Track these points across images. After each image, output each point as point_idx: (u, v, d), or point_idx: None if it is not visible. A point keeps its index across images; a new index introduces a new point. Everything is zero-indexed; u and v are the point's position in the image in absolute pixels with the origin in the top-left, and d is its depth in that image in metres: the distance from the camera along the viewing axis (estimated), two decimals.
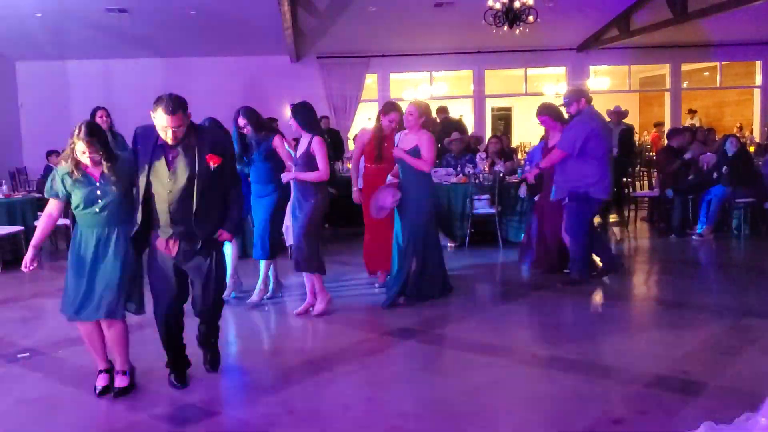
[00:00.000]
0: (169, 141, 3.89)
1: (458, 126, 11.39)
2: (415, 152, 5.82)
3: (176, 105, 3.82)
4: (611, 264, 6.81)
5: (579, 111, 6.53)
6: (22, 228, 8.30)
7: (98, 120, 6.82)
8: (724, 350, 4.68)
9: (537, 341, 5.04)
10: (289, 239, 6.88)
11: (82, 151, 3.83)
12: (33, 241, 4.02)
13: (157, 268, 4.13)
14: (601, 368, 4.44)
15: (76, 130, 3.81)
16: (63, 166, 3.94)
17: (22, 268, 3.99)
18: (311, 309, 5.78)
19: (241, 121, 6.03)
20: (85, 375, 4.53)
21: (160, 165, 3.95)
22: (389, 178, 6.21)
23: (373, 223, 6.36)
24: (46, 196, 4.02)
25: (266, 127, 6.20)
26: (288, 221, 6.46)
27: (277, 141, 5.98)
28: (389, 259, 6.11)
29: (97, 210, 3.94)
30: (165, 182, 3.95)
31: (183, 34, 12.69)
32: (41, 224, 4.08)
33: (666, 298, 6.41)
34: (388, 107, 6.51)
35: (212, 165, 3.98)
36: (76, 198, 3.94)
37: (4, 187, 9.12)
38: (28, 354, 5.04)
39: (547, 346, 4.89)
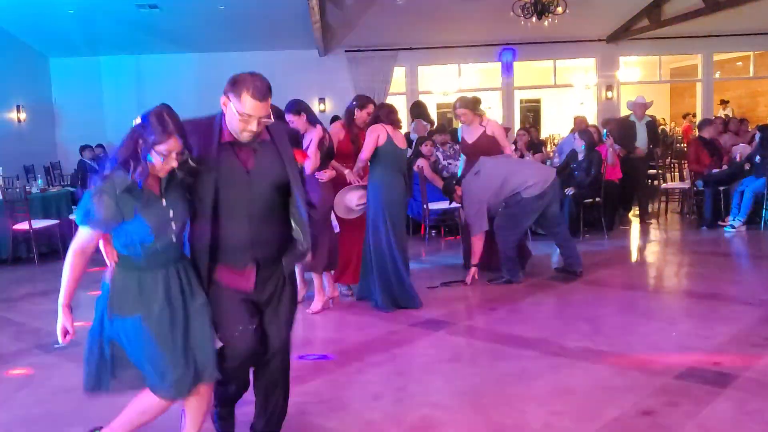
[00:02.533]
0: (246, 136, 2.89)
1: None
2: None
3: (268, 88, 2.91)
4: (573, 265, 6.65)
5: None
6: (58, 221, 8.46)
7: None
8: (756, 342, 4.64)
9: (566, 332, 5.02)
10: None
11: (167, 151, 2.69)
12: (63, 299, 2.84)
13: (223, 312, 2.98)
14: (631, 360, 4.43)
15: (157, 119, 2.69)
16: (119, 178, 2.69)
17: (61, 341, 2.93)
18: (330, 302, 5.90)
19: None
20: None
21: (233, 168, 2.94)
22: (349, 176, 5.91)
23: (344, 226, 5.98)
24: (82, 224, 2.71)
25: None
26: None
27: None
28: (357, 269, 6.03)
29: (173, 240, 2.83)
30: (242, 190, 2.95)
31: (212, 29, 12.82)
32: (70, 271, 2.76)
33: (697, 289, 6.34)
34: (365, 100, 6.20)
35: (301, 164, 3.20)
36: (140, 227, 2.72)
37: (40, 182, 9.31)
38: (64, 345, 5.15)
39: (577, 338, 4.88)
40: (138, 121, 2.73)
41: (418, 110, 10.38)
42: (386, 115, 5.76)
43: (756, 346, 4.56)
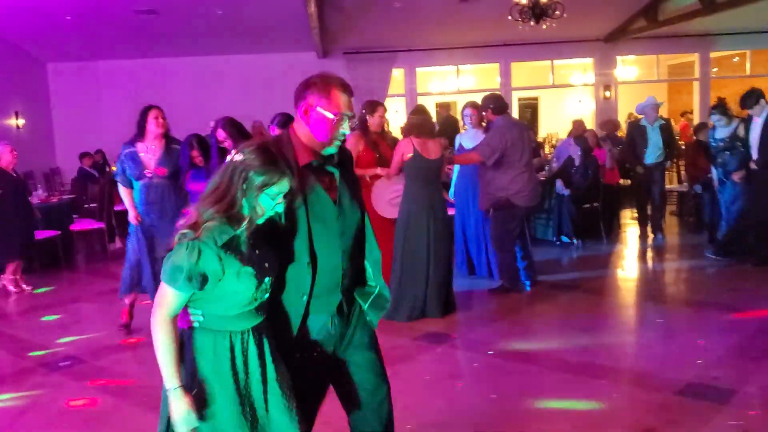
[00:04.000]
0: (336, 144, 2.51)
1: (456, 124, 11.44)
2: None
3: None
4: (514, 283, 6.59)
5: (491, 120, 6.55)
6: (59, 232, 8.48)
7: (153, 124, 5.58)
8: (755, 355, 4.68)
9: (567, 346, 5.06)
10: None
11: (278, 193, 2.25)
12: (173, 381, 2.21)
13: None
14: (632, 374, 4.48)
15: (265, 155, 2.23)
16: (218, 227, 2.19)
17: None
18: None
19: (221, 134, 5.44)
20: (127, 385, 4.69)
21: (319, 197, 2.48)
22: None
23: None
24: (173, 284, 2.18)
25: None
26: None
27: None
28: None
29: (267, 292, 2.35)
30: (332, 224, 2.51)
31: (210, 34, 12.82)
32: (168, 343, 2.21)
33: (696, 298, 6.37)
34: (374, 104, 6.30)
35: None
36: (241, 285, 2.24)
37: (40, 191, 9.33)
38: (69, 362, 5.20)
39: (578, 352, 4.92)
40: (239, 156, 2.24)
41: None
42: (416, 128, 5.84)
43: (755, 359, 4.61)
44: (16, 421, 4.23)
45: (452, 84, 16.35)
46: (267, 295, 2.34)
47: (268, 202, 2.24)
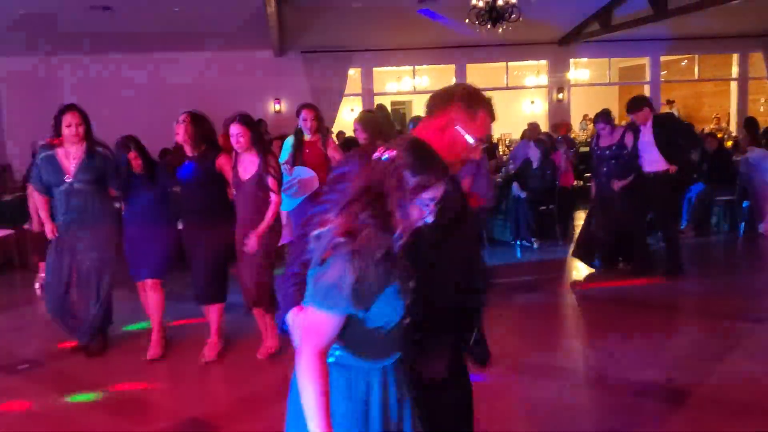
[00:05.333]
0: (458, 168, 2.33)
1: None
2: None
3: None
4: None
5: None
6: (13, 230, 8.30)
7: (66, 132, 5.01)
8: (708, 355, 4.85)
9: (526, 348, 5.17)
10: None
11: (432, 198, 1.93)
12: (323, 426, 1.83)
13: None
14: (590, 376, 4.61)
15: (420, 152, 1.95)
16: (375, 237, 1.84)
17: None
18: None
19: (182, 137, 5.00)
20: (86, 387, 4.66)
21: (448, 210, 2.10)
22: None
23: None
24: (326, 307, 1.83)
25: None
26: None
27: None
28: None
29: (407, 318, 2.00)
30: (460, 237, 2.32)
31: (166, 30, 12.64)
32: (319, 380, 1.85)
33: (650, 299, 6.50)
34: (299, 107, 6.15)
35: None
36: (394, 304, 1.91)
37: None
38: (27, 365, 5.12)
39: (535, 353, 5.02)
40: (390, 153, 1.91)
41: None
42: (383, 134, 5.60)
43: (707, 360, 4.78)
44: None
45: (408, 84, 16.44)
46: (407, 321, 1.98)
47: (422, 209, 1.92)
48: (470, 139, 2.23)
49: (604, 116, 7.27)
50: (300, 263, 2.04)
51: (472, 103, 2.25)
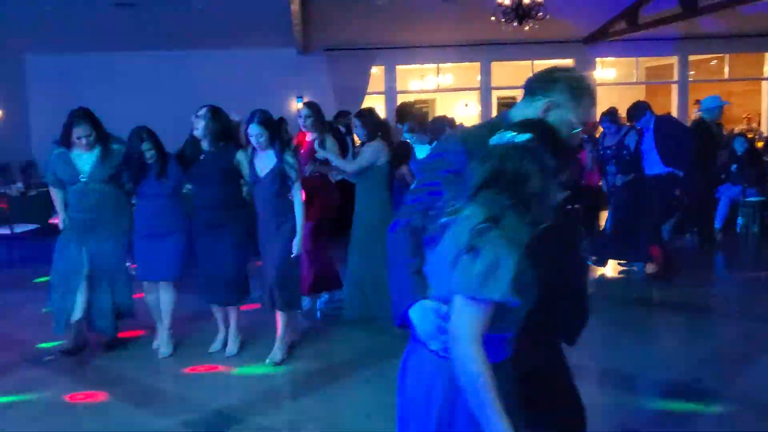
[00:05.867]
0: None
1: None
2: None
3: None
4: None
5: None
6: (39, 225, 8.39)
7: (77, 144, 4.94)
8: (736, 357, 4.77)
9: None
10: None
11: (563, 182, 1.93)
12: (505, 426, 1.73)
13: None
14: (616, 376, 4.54)
15: (551, 136, 1.91)
16: (515, 223, 1.80)
17: None
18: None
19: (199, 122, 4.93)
20: (112, 378, 4.68)
21: None
22: None
23: None
24: (491, 296, 1.73)
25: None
26: None
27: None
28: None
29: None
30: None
31: (190, 28, 12.72)
32: (489, 377, 1.74)
33: (676, 300, 6.42)
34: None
35: None
36: (531, 293, 1.85)
37: (20, 185, 9.23)
38: (53, 357, 5.15)
39: None
40: (523, 135, 1.85)
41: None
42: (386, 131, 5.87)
43: (736, 361, 4.70)
44: (1, 415, 4.20)
45: (432, 82, 16.40)
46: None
47: (557, 191, 1.86)
48: (570, 123, 2.17)
49: (610, 115, 7.31)
50: (408, 253, 2.01)
51: (577, 86, 2.19)
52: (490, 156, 1.84)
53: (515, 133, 1.84)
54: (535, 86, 2.22)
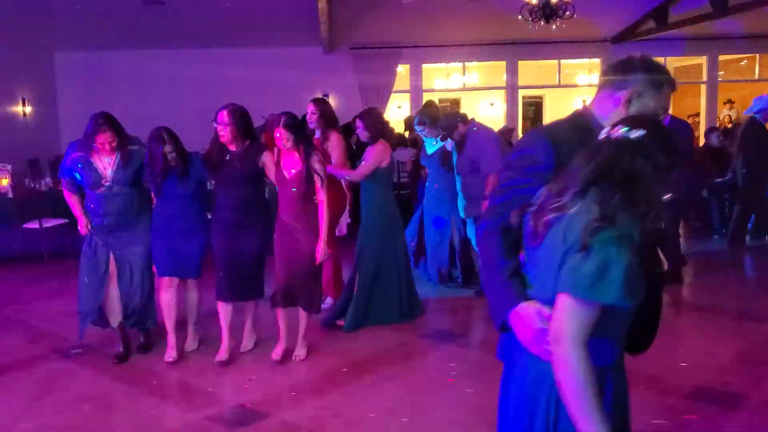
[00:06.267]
0: None
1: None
2: None
3: None
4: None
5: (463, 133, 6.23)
6: (67, 220, 8.48)
7: (99, 149, 4.78)
8: (764, 360, 4.71)
9: None
10: None
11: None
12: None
13: None
14: (641, 377, 4.48)
15: (658, 129, 1.82)
16: (626, 224, 1.72)
17: None
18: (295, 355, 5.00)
19: (223, 118, 4.77)
20: (138, 372, 4.73)
21: None
22: None
23: None
24: (602, 297, 1.68)
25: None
26: None
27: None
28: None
29: None
30: None
31: (217, 25, 12.81)
32: (592, 382, 1.70)
33: (703, 302, 6.37)
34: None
35: None
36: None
37: (49, 179, 9.35)
38: (80, 350, 5.22)
39: None
40: (636, 132, 1.77)
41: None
42: (387, 133, 5.90)
43: (764, 363, 4.64)
44: (31, 405, 4.26)
45: (458, 81, 16.35)
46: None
47: (666, 190, 1.78)
48: (658, 110, 2.11)
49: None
50: (501, 254, 1.97)
51: (657, 73, 2.13)
52: (599, 151, 1.77)
53: (627, 128, 1.77)
54: (614, 76, 2.16)
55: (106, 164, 4.80)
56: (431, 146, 6.80)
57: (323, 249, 4.73)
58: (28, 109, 12.87)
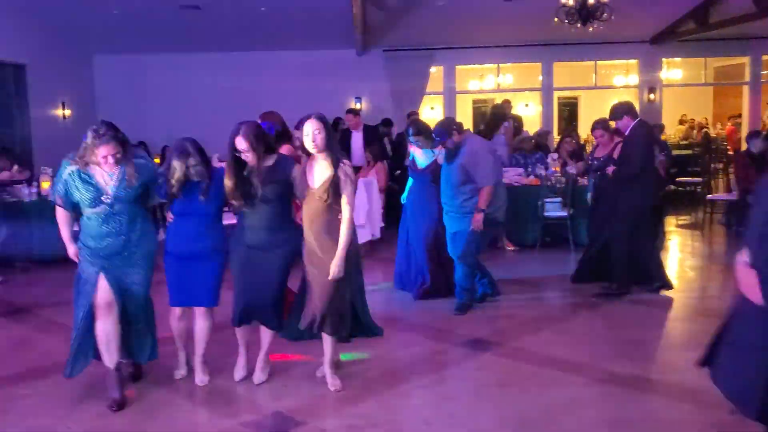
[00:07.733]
0: None
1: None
2: None
3: None
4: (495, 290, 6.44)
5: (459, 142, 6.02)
6: None
7: (103, 163, 4.19)
8: None
9: (615, 357, 4.97)
10: None
11: None
12: None
13: None
14: (682, 390, 4.39)
15: None
16: None
17: None
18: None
19: (242, 144, 4.28)
20: (170, 378, 4.75)
21: None
22: None
23: None
24: None
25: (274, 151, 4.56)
26: None
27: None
28: None
29: None
30: None
31: (253, 29, 12.90)
32: None
33: None
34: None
35: None
36: None
37: None
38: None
39: (625, 363, 4.83)
40: None
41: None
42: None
43: None
44: (75, 409, 4.29)
45: (492, 82, 16.24)
46: None
47: None
48: None
49: (602, 124, 6.80)
50: None
51: None
52: None
53: None
54: None
55: (107, 179, 4.24)
56: (424, 159, 6.58)
57: (338, 270, 4.28)
58: (68, 111, 13.07)
